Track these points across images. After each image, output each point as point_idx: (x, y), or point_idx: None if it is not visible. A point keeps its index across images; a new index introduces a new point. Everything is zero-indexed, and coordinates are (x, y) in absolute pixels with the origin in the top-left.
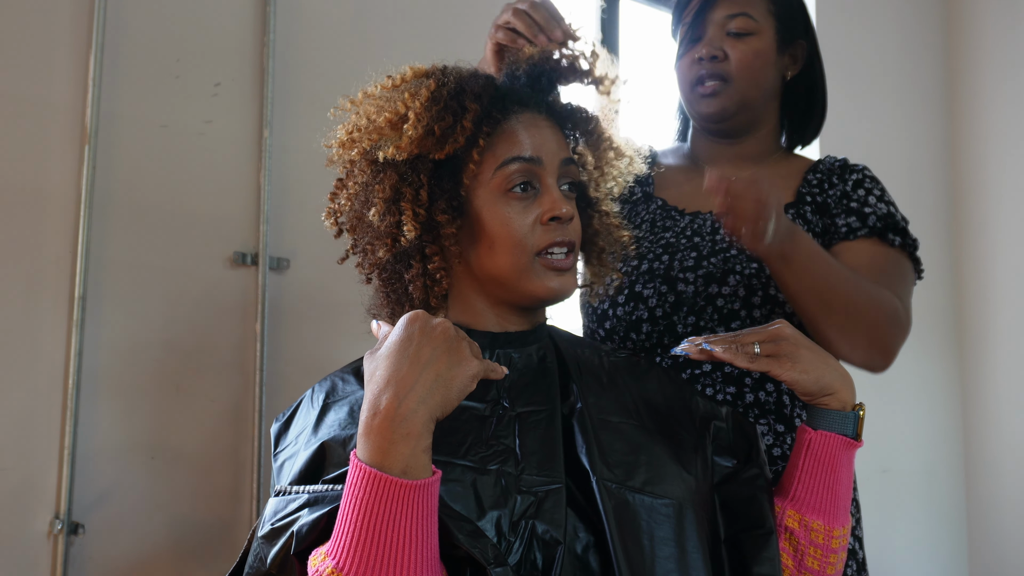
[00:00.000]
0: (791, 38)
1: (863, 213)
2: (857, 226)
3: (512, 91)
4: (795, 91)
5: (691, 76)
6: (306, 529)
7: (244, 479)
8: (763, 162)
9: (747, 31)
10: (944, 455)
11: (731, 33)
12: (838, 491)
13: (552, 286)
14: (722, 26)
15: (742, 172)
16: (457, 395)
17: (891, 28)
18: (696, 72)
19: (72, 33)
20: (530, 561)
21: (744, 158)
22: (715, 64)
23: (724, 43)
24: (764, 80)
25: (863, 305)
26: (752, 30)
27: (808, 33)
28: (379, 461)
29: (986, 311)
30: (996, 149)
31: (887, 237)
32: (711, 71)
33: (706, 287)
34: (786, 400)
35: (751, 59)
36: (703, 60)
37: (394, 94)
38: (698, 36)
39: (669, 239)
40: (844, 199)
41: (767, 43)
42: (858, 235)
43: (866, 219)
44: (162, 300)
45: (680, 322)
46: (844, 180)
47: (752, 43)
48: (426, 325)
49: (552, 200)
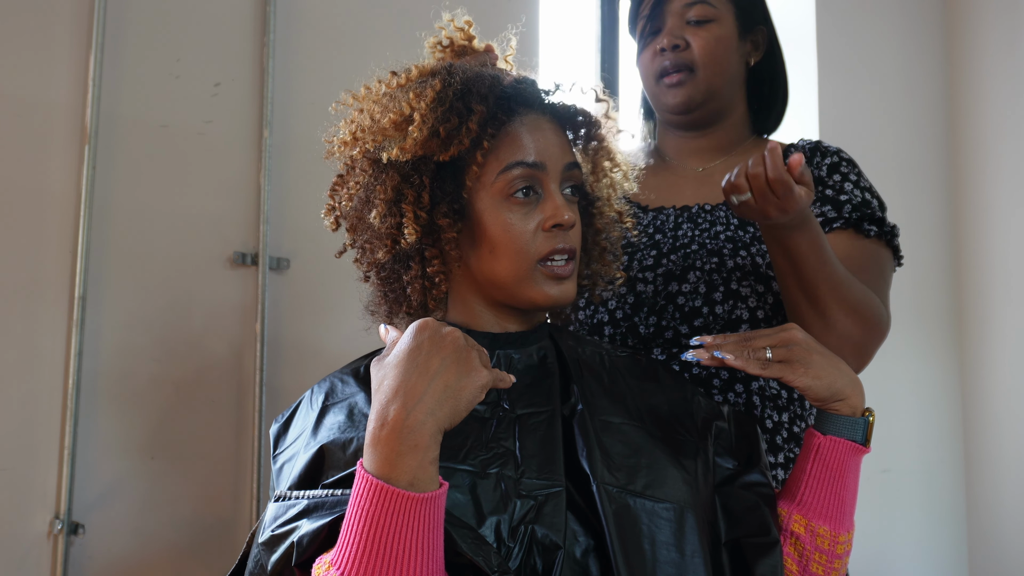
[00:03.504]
0: (751, 24)
1: (839, 202)
2: (833, 216)
3: (517, 92)
4: (758, 78)
5: (654, 68)
6: (307, 540)
7: (244, 479)
8: (733, 151)
9: (707, 18)
10: (944, 455)
11: (691, 22)
12: (845, 497)
13: (552, 294)
14: (681, 15)
15: (712, 162)
16: (466, 406)
17: (891, 28)
18: (659, 64)
19: (72, 33)
20: (530, 566)
21: (714, 149)
22: (678, 53)
23: (685, 32)
24: (728, 66)
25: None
26: (712, 17)
27: (767, 19)
28: (386, 473)
29: (986, 311)
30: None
31: (863, 228)
32: (675, 61)
33: (666, 285)
34: (756, 401)
35: (713, 46)
36: (665, 51)
37: (399, 94)
38: (657, 28)
39: (630, 238)
40: (819, 185)
41: (728, 29)
42: (834, 227)
43: (841, 208)
44: (162, 300)
45: (641, 323)
46: (818, 165)
47: (713, 30)
48: (436, 334)
49: (554, 207)
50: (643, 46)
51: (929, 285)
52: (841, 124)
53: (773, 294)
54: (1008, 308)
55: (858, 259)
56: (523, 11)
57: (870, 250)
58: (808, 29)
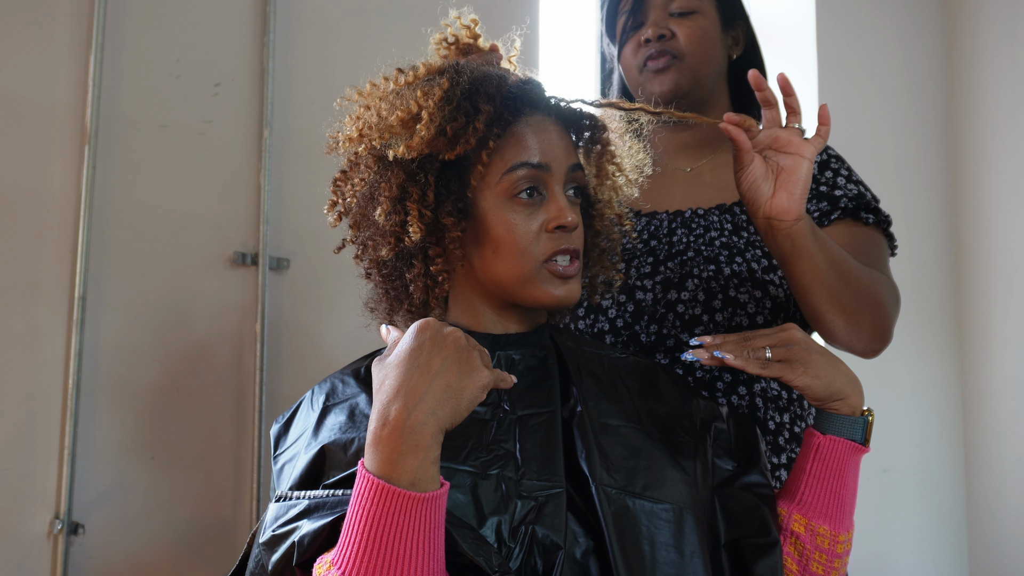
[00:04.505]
0: (732, 18)
1: (833, 196)
2: (829, 210)
3: (523, 92)
4: (740, 73)
5: (638, 59)
6: (308, 540)
7: (244, 479)
8: (720, 147)
9: (690, 10)
10: (944, 455)
11: (674, 14)
12: (845, 496)
13: (558, 294)
14: (664, 8)
15: (699, 160)
16: (467, 406)
17: (891, 28)
18: (643, 54)
19: (72, 33)
20: (530, 567)
21: (700, 144)
22: (663, 43)
23: (669, 23)
24: (713, 56)
25: (867, 292)
26: (695, 8)
27: (745, 16)
28: (387, 473)
29: (986, 311)
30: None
31: (860, 216)
32: (660, 48)
33: (664, 293)
34: (758, 403)
35: (699, 34)
36: (650, 41)
37: (406, 91)
38: (640, 22)
39: (625, 244)
40: (812, 182)
41: (711, 21)
42: (832, 219)
43: (837, 202)
44: (162, 300)
45: (642, 331)
46: None
47: (697, 20)
48: (437, 334)
49: (558, 208)
50: (625, 40)
51: (929, 285)
52: (841, 124)
53: (771, 299)
54: (1008, 308)
55: (859, 245)
56: (525, 12)
57: (870, 236)
58: (808, 29)
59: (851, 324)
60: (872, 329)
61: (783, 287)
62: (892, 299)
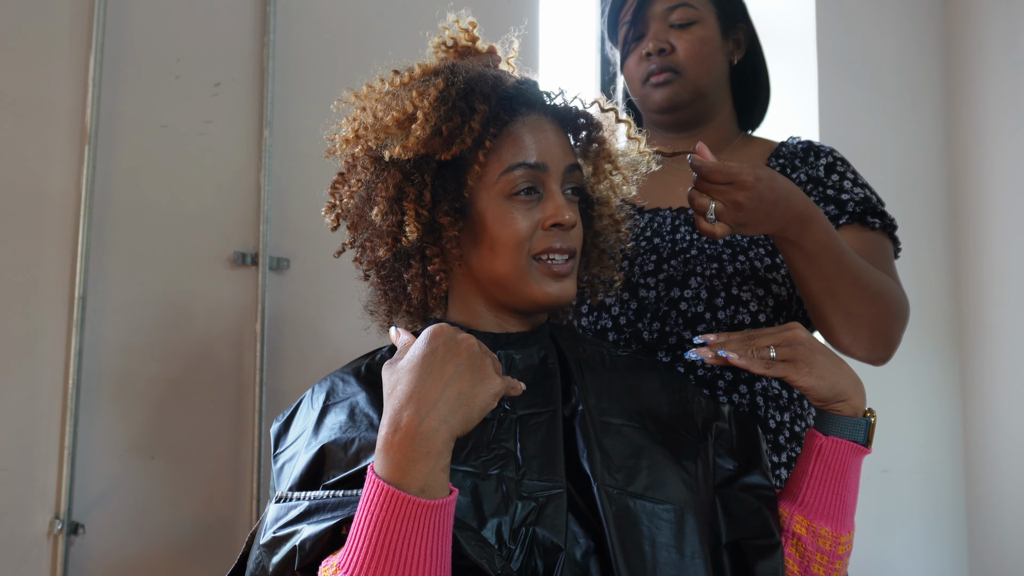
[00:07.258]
0: (732, 22)
1: (841, 200)
2: (836, 214)
3: (520, 92)
4: (741, 75)
5: (640, 72)
6: (310, 544)
7: (244, 479)
8: (722, 150)
9: (690, 20)
10: (944, 455)
11: (674, 25)
12: (846, 497)
13: (552, 292)
14: (664, 19)
15: None
16: (479, 413)
17: (891, 28)
18: (645, 68)
19: (72, 33)
20: (531, 568)
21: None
22: (663, 57)
23: (669, 35)
24: (714, 67)
25: (872, 299)
26: (695, 19)
27: (745, 16)
28: (397, 479)
29: (986, 311)
30: (995, 149)
31: (867, 221)
32: (661, 64)
33: (668, 291)
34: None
35: (699, 47)
36: (651, 55)
37: (402, 92)
38: (641, 33)
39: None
40: (819, 186)
41: (711, 30)
42: (840, 224)
43: (844, 206)
44: (162, 300)
45: (645, 329)
46: (813, 165)
47: (697, 31)
48: (450, 340)
49: (556, 207)
50: (627, 52)
51: (929, 285)
52: (841, 124)
53: (773, 297)
54: (1008, 308)
55: (867, 251)
56: (524, 14)
57: (877, 241)
58: (808, 29)
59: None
60: (871, 339)
61: (786, 285)
62: (901, 311)
